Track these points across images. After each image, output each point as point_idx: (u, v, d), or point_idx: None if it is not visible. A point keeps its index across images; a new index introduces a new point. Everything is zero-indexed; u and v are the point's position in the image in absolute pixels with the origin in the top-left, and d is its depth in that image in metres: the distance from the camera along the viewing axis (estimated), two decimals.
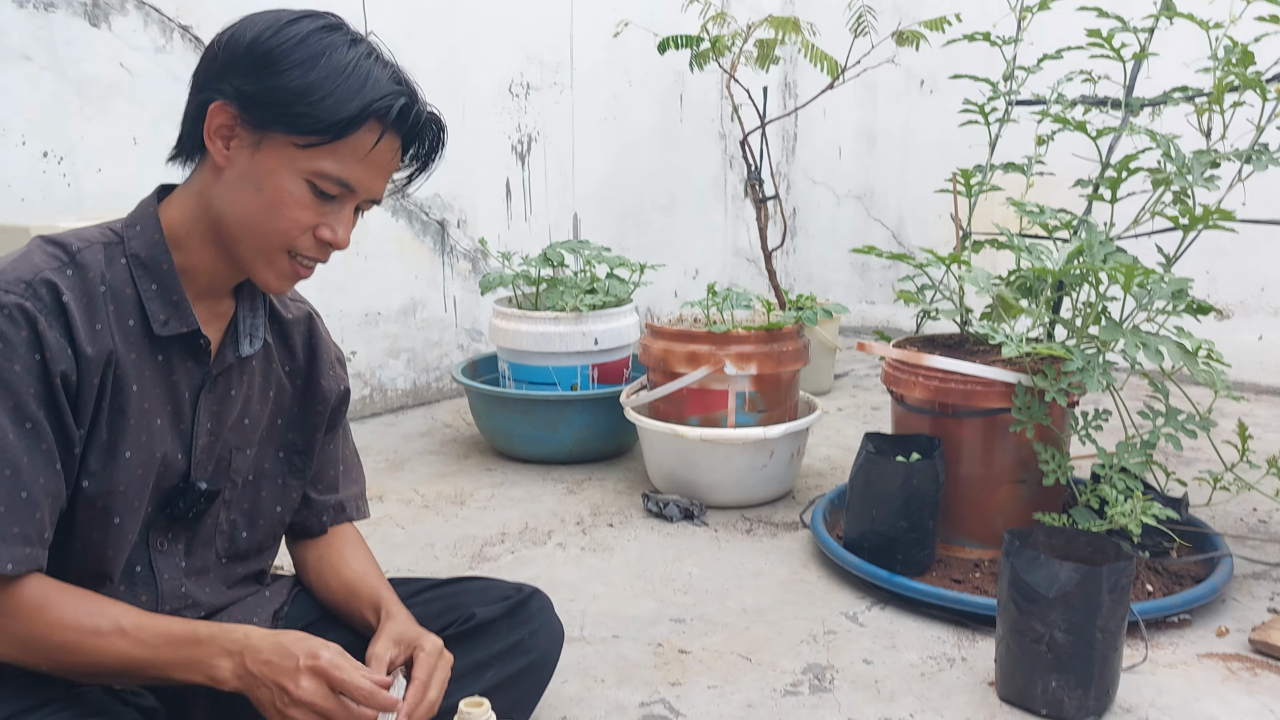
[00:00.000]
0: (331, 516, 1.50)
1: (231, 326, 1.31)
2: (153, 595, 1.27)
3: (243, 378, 1.32)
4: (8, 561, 1.08)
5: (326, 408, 1.43)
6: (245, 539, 1.39)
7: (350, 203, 1.21)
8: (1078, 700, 1.60)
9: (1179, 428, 1.99)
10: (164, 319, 1.22)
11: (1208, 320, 2.12)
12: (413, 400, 3.56)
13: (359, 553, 1.49)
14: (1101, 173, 2.21)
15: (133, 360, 1.20)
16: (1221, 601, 2.01)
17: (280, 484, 1.41)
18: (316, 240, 1.21)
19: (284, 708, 1.12)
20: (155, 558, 1.27)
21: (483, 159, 3.63)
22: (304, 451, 1.43)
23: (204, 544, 1.33)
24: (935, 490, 2.05)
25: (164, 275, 1.22)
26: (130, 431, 1.20)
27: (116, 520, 1.20)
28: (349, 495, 1.53)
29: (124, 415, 1.19)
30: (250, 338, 1.32)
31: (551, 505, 2.60)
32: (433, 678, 1.26)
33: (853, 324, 4.90)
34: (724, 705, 1.68)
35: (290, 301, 1.44)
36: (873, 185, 4.79)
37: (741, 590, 2.11)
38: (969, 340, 2.31)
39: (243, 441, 1.34)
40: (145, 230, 1.23)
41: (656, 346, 2.61)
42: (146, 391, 1.22)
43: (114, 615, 1.15)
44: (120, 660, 1.13)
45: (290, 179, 1.17)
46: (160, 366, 1.23)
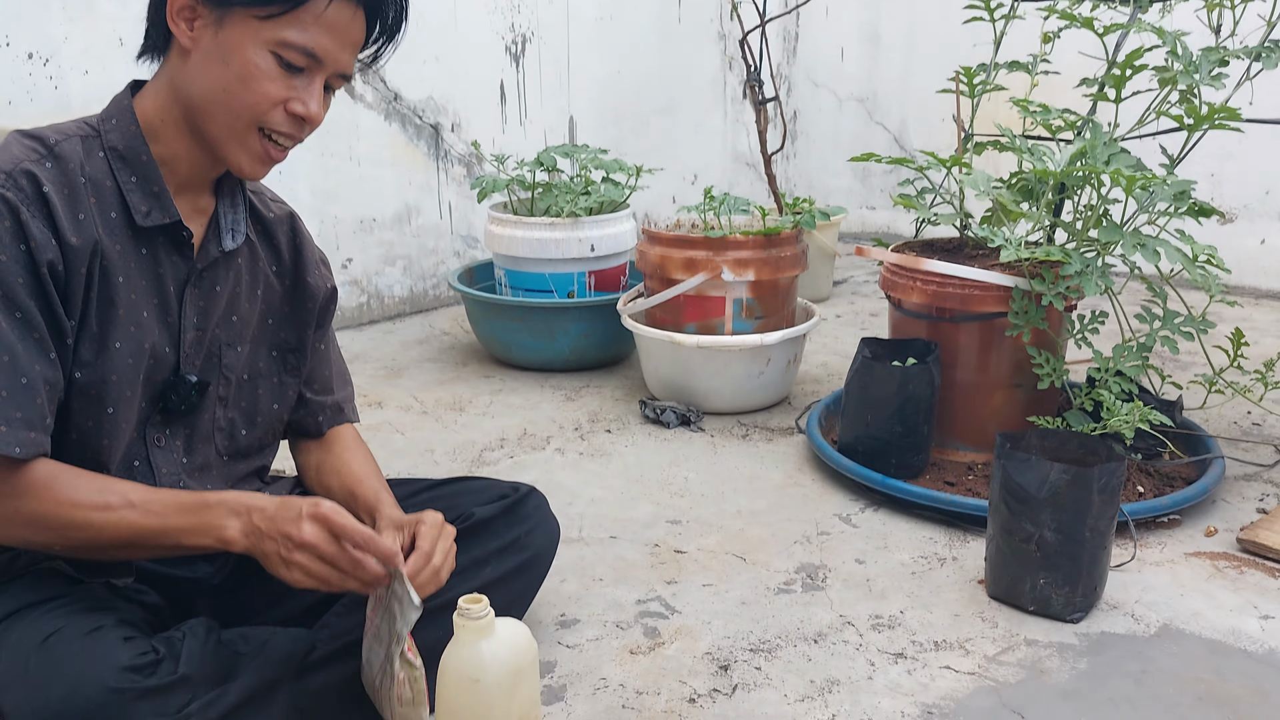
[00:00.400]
0: (329, 417, 1.52)
1: (213, 222, 1.32)
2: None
3: (228, 274, 1.34)
4: (14, 445, 1.10)
5: (315, 304, 1.45)
6: (245, 436, 1.41)
7: (318, 75, 1.21)
8: (1065, 597, 1.63)
9: (1176, 331, 1.99)
10: (146, 210, 1.23)
11: (1210, 224, 2.11)
12: (410, 308, 3.56)
13: (359, 455, 1.50)
14: (1107, 71, 2.17)
15: (118, 252, 1.21)
16: (1212, 502, 2.04)
17: (276, 382, 1.43)
18: (288, 115, 1.20)
19: (288, 555, 1.15)
20: (153, 453, 1.29)
21: (476, 60, 3.56)
22: (297, 349, 1.44)
23: (203, 440, 1.35)
24: (930, 395, 2.06)
25: (143, 166, 1.22)
26: (119, 322, 1.21)
27: (110, 410, 1.21)
28: (344, 396, 1.55)
29: (113, 306, 1.20)
30: (232, 232, 1.32)
31: (550, 412, 2.62)
32: (435, 546, 1.27)
33: (853, 230, 4.87)
34: (719, 603, 1.72)
35: (271, 202, 1.45)
36: (875, 88, 4.71)
37: (737, 494, 2.14)
38: (968, 244, 2.30)
39: (233, 338, 1.36)
40: (121, 123, 1.23)
41: (653, 253, 2.59)
42: (133, 283, 1.23)
43: (122, 490, 1.17)
44: (131, 531, 1.15)
45: (255, 51, 1.17)
46: (145, 259, 1.24)
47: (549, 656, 1.56)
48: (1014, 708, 1.43)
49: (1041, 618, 1.65)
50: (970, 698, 1.46)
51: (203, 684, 1.14)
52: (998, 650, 1.57)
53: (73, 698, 1.06)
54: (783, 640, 1.61)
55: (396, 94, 3.34)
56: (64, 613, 1.16)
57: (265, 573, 1.37)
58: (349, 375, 1.60)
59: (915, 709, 1.43)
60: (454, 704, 1.20)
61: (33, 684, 1.08)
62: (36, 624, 1.14)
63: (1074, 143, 2.00)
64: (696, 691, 1.48)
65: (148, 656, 1.13)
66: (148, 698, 1.09)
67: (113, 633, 1.14)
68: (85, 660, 1.09)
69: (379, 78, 3.29)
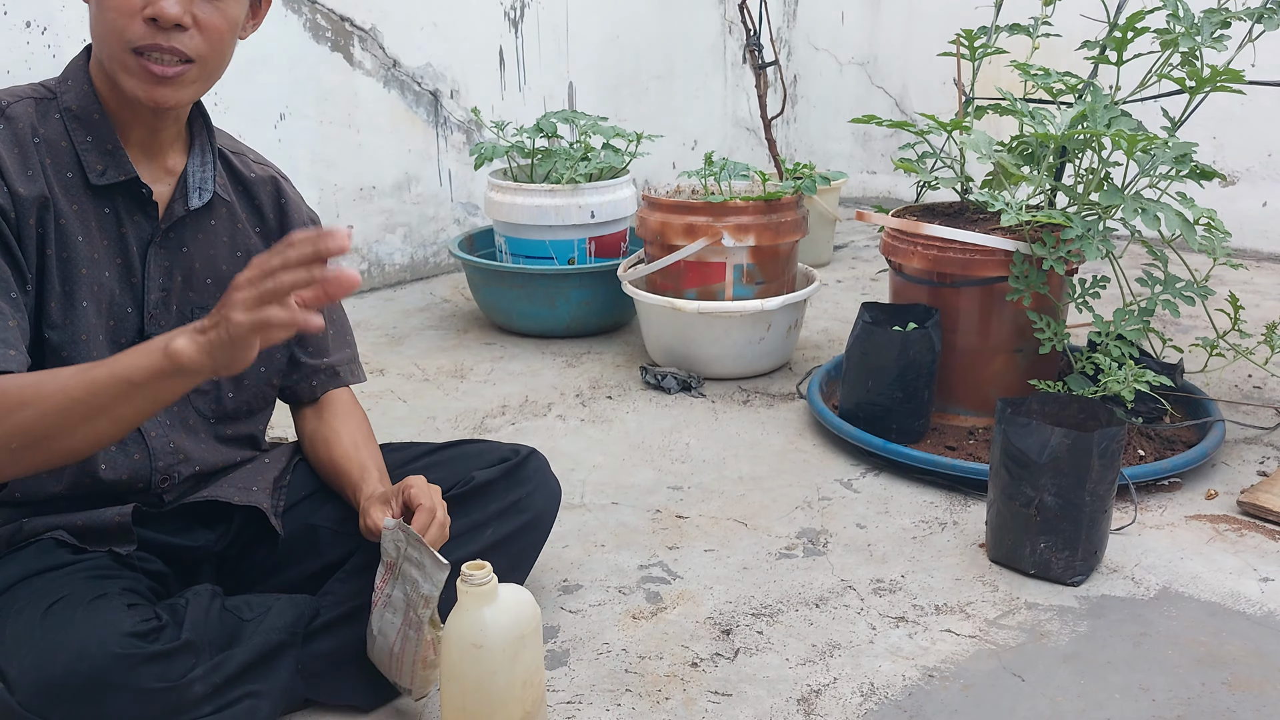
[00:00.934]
0: (322, 381, 1.51)
1: (182, 181, 1.31)
2: (144, 452, 1.30)
3: (198, 235, 1.33)
4: None
5: None
6: (231, 399, 1.40)
7: None
8: (1065, 560, 1.64)
9: (1177, 294, 1.99)
10: (101, 168, 1.23)
11: (1212, 187, 2.10)
12: (410, 275, 3.55)
13: (350, 424, 1.49)
14: (1109, 34, 2.15)
15: (75, 211, 1.21)
16: (1212, 466, 2.04)
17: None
18: (146, 24, 1.16)
19: (230, 313, 0.99)
20: None
21: (475, 26, 3.53)
22: None
23: (180, 402, 1.34)
24: (931, 360, 2.06)
25: (96, 125, 1.23)
26: (84, 281, 1.22)
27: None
28: (340, 359, 1.53)
29: (74, 265, 1.21)
30: (200, 190, 1.31)
31: (551, 379, 2.62)
32: (434, 501, 1.30)
33: (854, 194, 4.85)
34: (720, 567, 1.73)
35: (254, 163, 1.44)
36: (876, 51, 4.67)
37: (738, 459, 2.14)
38: (969, 209, 2.29)
39: (206, 299, 1.35)
40: (76, 84, 1.24)
41: (653, 219, 2.58)
42: (94, 242, 1.23)
43: (66, 367, 1.10)
44: (82, 388, 1.05)
45: None
46: (108, 219, 1.25)
47: (551, 622, 1.57)
48: (1014, 670, 1.45)
49: (1042, 581, 1.66)
50: (971, 661, 1.47)
51: (206, 650, 1.16)
52: (998, 614, 1.58)
53: (77, 664, 1.08)
54: (784, 604, 1.62)
55: (395, 61, 3.32)
56: (68, 581, 1.17)
57: (269, 540, 1.38)
58: (351, 336, 1.58)
59: (916, 672, 1.45)
60: (457, 669, 1.21)
61: (37, 651, 1.09)
62: (41, 592, 1.15)
63: (1075, 106, 1.99)
64: (699, 656, 1.49)
65: (151, 623, 1.14)
66: (151, 663, 1.10)
67: (116, 600, 1.15)
68: (89, 627, 1.10)
69: (377, 44, 3.27)
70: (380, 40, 3.27)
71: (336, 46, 3.17)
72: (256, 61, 2.99)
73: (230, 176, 1.39)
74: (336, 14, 3.15)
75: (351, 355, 1.57)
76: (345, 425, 1.49)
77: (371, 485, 1.37)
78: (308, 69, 3.12)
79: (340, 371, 1.53)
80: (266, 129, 3.05)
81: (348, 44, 3.20)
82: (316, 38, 3.12)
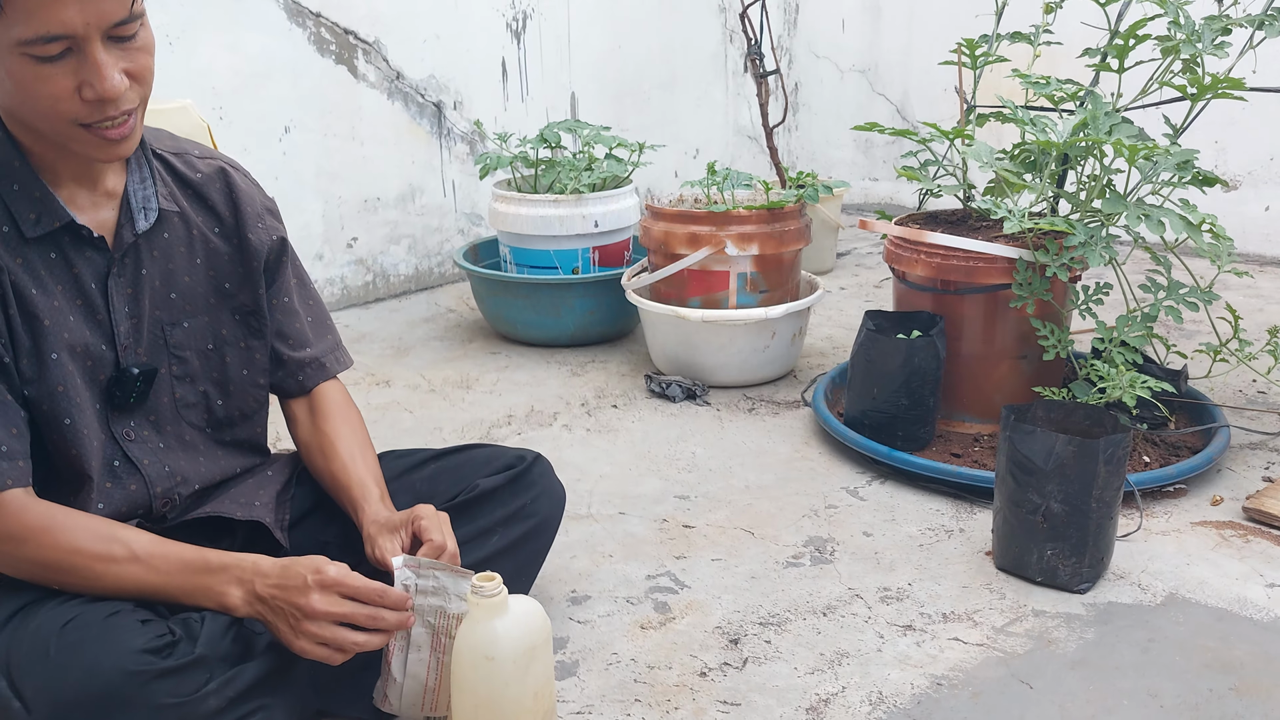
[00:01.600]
0: (310, 375, 1.48)
1: (125, 203, 1.26)
2: (141, 483, 1.29)
3: (153, 253, 1.29)
4: None
5: (260, 261, 1.39)
6: (222, 407, 1.39)
7: (87, 48, 1.07)
8: (1071, 568, 1.64)
9: (1180, 300, 1.99)
10: (34, 217, 1.18)
11: (1214, 192, 2.10)
12: (415, 286, 3.56)
13: (344, 433, 1.47)
14: (1109, 41, 2.16)
15: (20, 265, 1.17)
16: (1217, 471, 2.05)
17: (243, 347, 1.39)
18: (86, 103, 1.09)
19: (298, 625, 1.15)
20: (128, 448, 1.28)
21: (478, 37, 3.55)
22: (255, 311, 1.40)
23: (171, 421, 1.33)
24: (936, 367, 2.07)
25: (18, 172, 1.17)
26: (49, 333, 1.19)
27: (67, 421, 1.21)
28: (324, 349, 1.50)
29: (37, 319, 1.18)
30: (144, 210, 1.26)
31: (556, 388, 2.63)
32: (444, 535, 1.30)
33: (856, 202, 4.86)
34: (728, 577, 1.73)
35: (199, 160, 1.37)
36: (877, 59, 4.68)
37: (744, 468, 2.15)
38: (972, 216, 2.30)
39: (176, 315, 1.32)
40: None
41: (657, 228, 2.59)
42: (49, 291, 1.20)
43: (127, 540, 1.18)
44: (134, 586, 1.18)
45: (12, 61, 1.06)
46: (56, 264, 1.21)
47: (560, 633, 1.58)
48: (1023, 678, 1.45)
49: (1049, 588, 1.67)
50: (979, 668, 1.48)
51: (220, 664, 1.16)
52: (1006, 621, 1.59)
53: (91, 681, 1.08)
54: (792, 613, 1.62)
55: (398, 73, 3.34)
56: (83, 599, 1.17)
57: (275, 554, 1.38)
58: (329, 320, 1.55)
59: (925, 680, 1.45)
60: (468, 681, 1.22)
61: (52, 669, 1.10)
62: (56, 610, 1.15)
63: (1077, 113, 2.00)
64: (707, 665, 1.50)
65: (165, 638, 1.14)
66: (165, 679, 1.10)
67: (130, 616, 1.15)
68: (103, 644, 1.11)
69: (381, 57, 3.28)
70: (384, 53, 3.29)
71: (341, 60, 3.19)
72: (261, 75, 3.01)
73: (176, 182, 1.33)
74: (341, 27, 3.17)
75: (334, 342, 1.53)
76: (340, 433, 1.46)
77: (373, 507, 1.36)
78: (312, 82, 3.13)
79: (325, 362, 1.50)
80: (272, 142, 3.07)
81: (352, 57, 3.21)
82: (321, 51, 3.14)
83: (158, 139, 1.34)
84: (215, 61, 2.91)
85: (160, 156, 1.32)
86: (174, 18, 2.80)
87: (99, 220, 1.24)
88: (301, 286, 1.49)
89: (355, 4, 3.19)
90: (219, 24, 2.90)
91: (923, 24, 4.48)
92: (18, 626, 1.15)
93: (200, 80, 2.88)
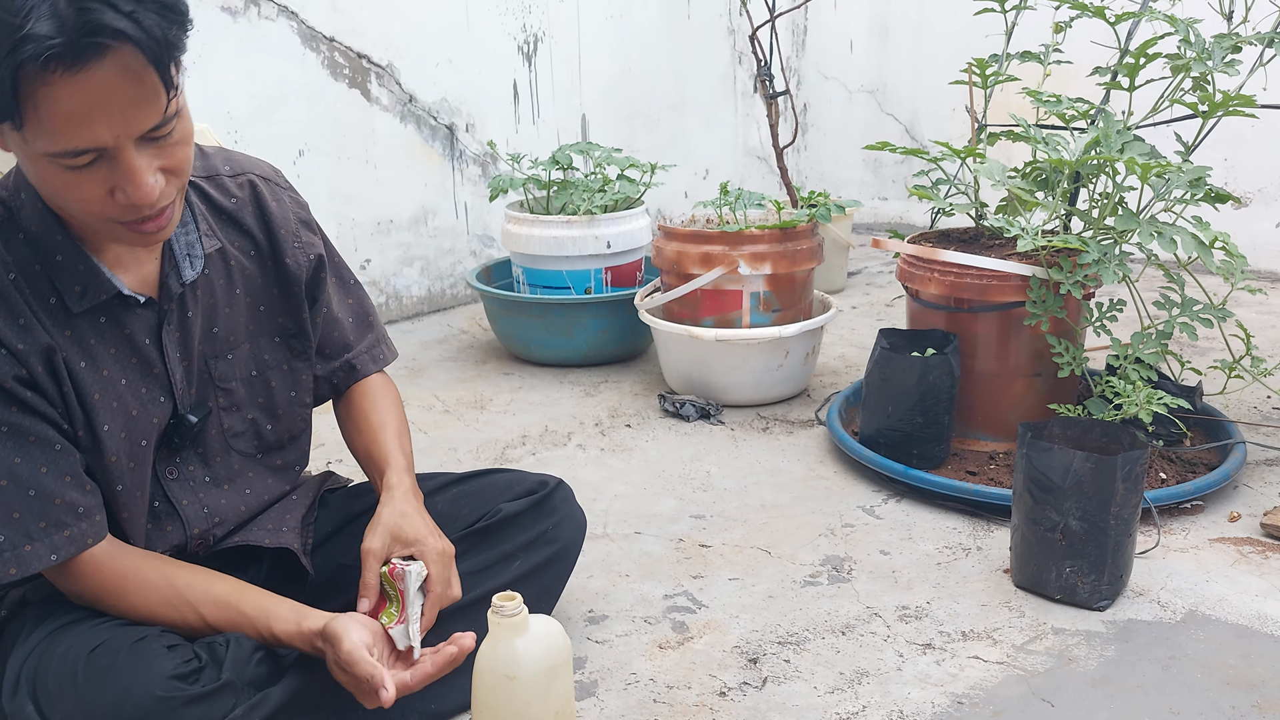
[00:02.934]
0: (342, 379, 1.48)
1: (168, 252, 1.22)
2: (178, 525, 1.30)
3: (197, 294, 1.27)
4: (49, 553, 1.13)
5: (301, 285, 1.37)
6: (271, 431, 1.39)
7: (119, 155, 1.02)
8: (1091, 585, 1.64)
9: (1194, 317, 1.99)
10: (79, 290, 1.15)
11: (1225, 209, 2.10)
12: (428, 307, 3.58)
13: (377, 408, 1.47)
14: (1120, 60, 2.17)
15: (69, 338, 1.15)
16: (1234, 488, 2.04)
17: (287, 369, 1.39)
18: (120, 205, 1.05)
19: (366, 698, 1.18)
20: (169, 487, 1.29)
21: (488, 61, 3.58)
22: (298, 334, 1.39)
23: (221, 451, 1.34)
24: (951, 385, 2.07)
25: (60, 244, 1.13)
26: (99, 406, 1.18)
27: (119, 488, 1.22)
28: (359, 350, 1.49)
29: (87, 393, 1.17)
30: (189, 258, 1.23)
31: (570, 408, 2.63)
32: (449, 582, 1.31)
33: (866, 221, 4.87)
34: (745, 596, 1.73)
35: (229, 180, 1.32)
36: (885, 79, 4.71)
37: (759, 487, 2.15)
38: (984, 234, 2.30)
39: (219, 349, 1.31)
40: (29, 198, 1.13)
41: (670, 248, 2.60)
42: (100, 360, 1.18)
43: (197, 606, 1.21)
44: (195, 632, 1.22)
45: (40, 165, 1.03)
46: (106, 327, 1.19)
47: (579, 652, 1.58)
48: (1044, 696, 1.45)
49: (1068, 606, 1.66)
50: (1000, 687, 1.47)
51: (245, 689, 1.16)
52: (1025, 639, 1.58)
53: (119, 708, 1.09)
54: (811, 632, 1.62)
55: (411, 96, 3.36)
56: (111, 624, 1.18)
57: (299, 578, 1.40)
58: (372, 317, 1.52)
59: (945, 699, 1.45)
60: (490, 701, 1.22)
61: (81, 695, 1.11)
62: (84, 636, 1.16)
63: (1088, 131, 2.01)
64: (727, 685, 1.49)
65: (191, 664, 1.15)
66: (193, 705, 1.11)
67: (157, 642, 1.16)
68: (131, 670, 1.11)
69: (394, 80, 3.31)
70: (397, 76, 3.31)
71: (354, 83, 3.21)
72: (276, 99, 3.04)
73: (212, 212, 1.29)
74: (354, 52, 3.19)
75: (373, 339, 1.51)
76: (372, 409, 1.46)
77: (391, 497, 1.36)
78: (326, 106, 3.16)
79: (356, 365, 1.48)
80: (286, 165, 3.09)
81: (365, 80, 3.24)
82: (335, 75, 3.16)
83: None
84: (231, 86, 2.94)
85: (197, 188, 1.28)
86: (190, 43, 2.82)
87: (143, 276, 1.21)
88: (342, 287, 1.47)
89: (368, 28, 3.22)
90: (234, 49, 2.93)
91: (930, 44, 4.50)
92: (46, 649, 1.16)
93: (216, 105, 2.90)
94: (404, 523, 1.33)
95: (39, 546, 1.13)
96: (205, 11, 2.84)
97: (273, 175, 1.39)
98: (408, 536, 1.31)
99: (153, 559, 1.23)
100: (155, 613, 1.20)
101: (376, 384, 1.51)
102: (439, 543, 1.32)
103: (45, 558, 1.13)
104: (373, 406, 1.47)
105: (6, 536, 1.12)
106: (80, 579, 1.19)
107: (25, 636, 1.20)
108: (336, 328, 1.46)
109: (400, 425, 1.48)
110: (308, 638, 1.19)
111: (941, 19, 4.42)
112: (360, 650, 1.15)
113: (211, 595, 1.21)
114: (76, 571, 1.18)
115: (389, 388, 1.53)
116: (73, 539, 1.15)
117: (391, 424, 1.47)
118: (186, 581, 1.22)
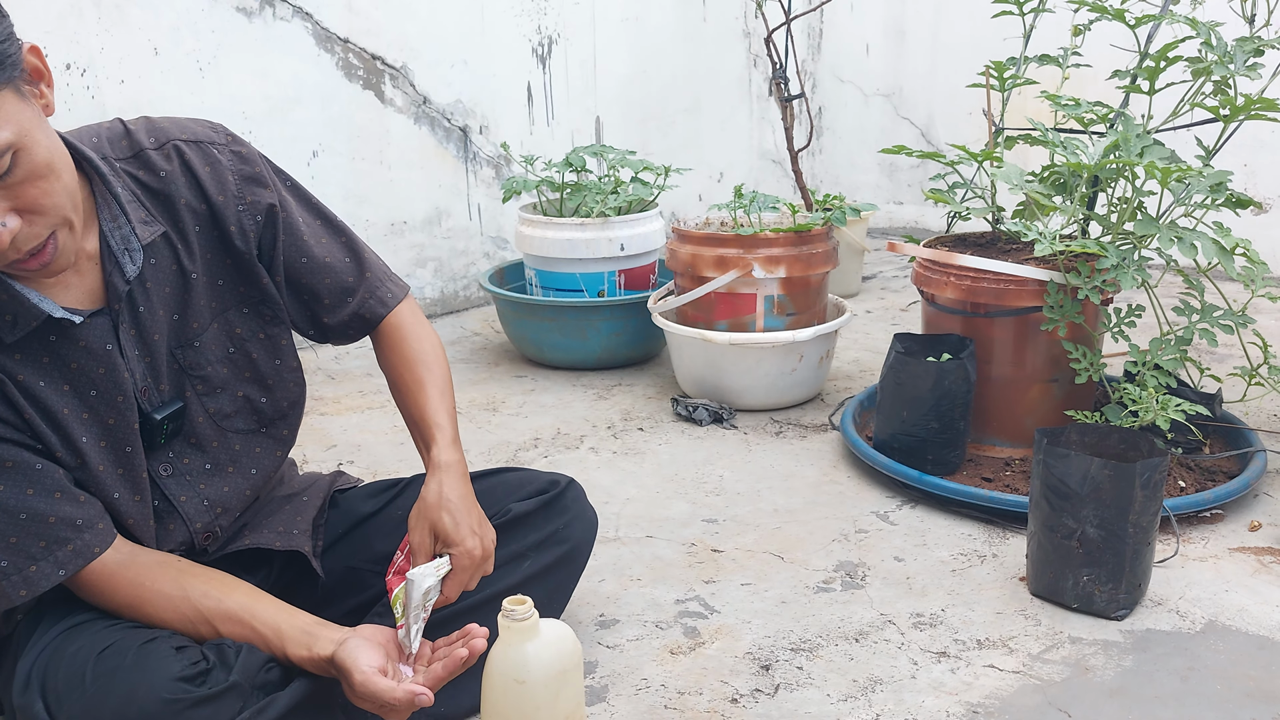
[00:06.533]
0: (358, 329, 1.40)
1: (106, 251, 1.16)
2: (179, 522, 1.29)
3: (146, 287, 1.20)
4: (56, 570, 1.14)
5: (251, 249, 1.28)
6: (268, 404, 1.35)
7: None
8: (1108, 593, 1.62)
9: (1214, 324, 1.97)
10: (10, 319, 1.11)
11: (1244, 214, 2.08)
12: (441, 309, 3.57)
13: (408, 360, 1.39)
14: (1139, 63, 2.15)
15: (17, 361, 1.13)
16: (1254, 496, 2.02)
17: (264, 338, 1.33)
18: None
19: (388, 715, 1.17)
20: (164, 485, 1.28)
21: (503, 63, 3.57)
22: (264, 300, 1.32)
23: (215, 435, 1.31)
24: (966, 390, 2.05)
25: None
26: (69, 421, 1.16)
27: (116, 495, 1.21)
28: (367, 291, 1.40)
29: (53, 410, 1.15)
30: (128, 253, 1.17)
31: (582, 411, 2.62)
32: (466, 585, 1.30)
33: (881, 225, 4.85)
34: (758, 601, 1.72)
35: (154, 154, 1.22)
36: (901, 83, 4.69)
37: (772, 491, 2.14)
38: (1001, 239, 2.28)
39: (187, 336, 1.25)
40: None
41: (684, 251, 2.59)
42: (57, 376, 1.16)
43: (209, 616, 1.20)
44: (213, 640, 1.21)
45: None
46: (60, 344, 1.15)
47: (589, 657, 1.56)
48: (1060, 706, 1.43)
49: (1085, 615, 1.64)
50: (1015, 696, 1.45)
51: (253, 691, 1.15)
52: (1041, 648, 1.56)
53: (127, 709, 1.08)
54: (824, 639, 1.60)
55: (425, 98, 3.36)
56: (123, 625, 1.18)
57: (310, 580, 1.39)
58: (366, 255, 1.40)
59: (960, 708, 1.43)
60: (500, 705, 1.21)
61: (88, 696, 1.10)
62: (96, 636, 1.16)
63: (1107, 135, 1.99)
64: (738, 691, 1.48)
65: (199, 666, 1.14)
66: (200, 707, 1.10)
67: (165, 643, 1.15)
68: (139, 672, 1.11)
69: (408, 82, 3.31)
70: (411, 78, 3.31)
71: (368, 85, 3.21)
72: (290, 100, 3.04)
73: (146, 196, 1.20)
74: (368, 53, 3.19)
75: (373, 280, 1.40)
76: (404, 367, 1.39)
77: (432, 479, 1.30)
78: (340, 107, 3.16)
79: (364, 313, 1.39)
80: (300, 166, 3.09)
81: (379, 82, 3.24)
82: (349, 76, 3.16)
83: (113, 144, 1.20)
84: (245, 87, 2.94)
85: (122, 172, 1.19)
86: (205, 44, 2.83)
87: (85, 289, 1.16)
88: (324, 229, 1.38)
89: (383, 30, 3.22)
90: (249, 50, 2.93)
91: (947, 48, 4.48)
92: (57, 648, 1.16)
93: (231, 106, 2.91)
94: (445, 518, 1.27)
95: (44, 565, 1.13)
96: (220, 12, 2.85)
97: (206, 135, 1.26)
98: (447, 535, 1.27)
99: (167, 566, 1.22)
100: (171, 625, 1.19)
101: (404, 326, 1.41)
102: (474, 544, 1.27)
103: (53, 575, 1.14)
104: (403, 360, 1.38)
105: (10, 561, 1.12)
106: (98, 593, 1.19)
107: (39, 635, 1.19)
108: (328, 273, 1.36)
109: (440, 377, 1.39)
110: (319, 665, 1.17)
111: (958, 22, 4.40)
112: (374, 680, 1.12)
113: (225, 609, 1.20)
114: (90, 584, 1.18)
115: (418, 328, 1.42)
116: (77, 552, 1.15)
117: (431, 379, 1.38)
118: (201, 592, 1.21)
